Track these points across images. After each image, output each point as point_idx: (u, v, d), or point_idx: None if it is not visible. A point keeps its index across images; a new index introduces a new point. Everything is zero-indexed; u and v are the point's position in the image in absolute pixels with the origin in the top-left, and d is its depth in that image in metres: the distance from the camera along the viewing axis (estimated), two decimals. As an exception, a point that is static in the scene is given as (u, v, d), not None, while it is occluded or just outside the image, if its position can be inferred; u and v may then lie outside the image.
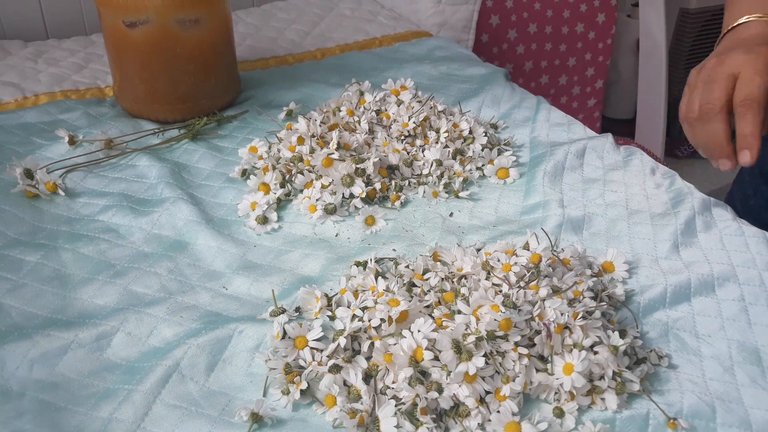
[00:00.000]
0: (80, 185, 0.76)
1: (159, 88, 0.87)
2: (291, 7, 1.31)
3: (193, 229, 0.69)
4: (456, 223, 0.71)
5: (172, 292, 0.62)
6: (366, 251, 0.67)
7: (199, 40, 0.85)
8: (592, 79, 1.87)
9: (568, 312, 0.52)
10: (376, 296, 0.56)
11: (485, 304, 0.51)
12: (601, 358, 0.51)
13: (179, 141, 0.85)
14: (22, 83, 0.97)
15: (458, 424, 0.48)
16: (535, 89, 1.76)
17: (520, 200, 0.74)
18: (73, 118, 0.90)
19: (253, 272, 0.64)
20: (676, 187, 0.74)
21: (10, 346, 0.55)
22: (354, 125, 0.81)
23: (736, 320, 0.58)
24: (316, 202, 0.72)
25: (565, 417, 0.49)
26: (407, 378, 0.49)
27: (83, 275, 0.63)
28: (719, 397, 0.51)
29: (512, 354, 0.50)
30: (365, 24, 1.23)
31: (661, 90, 1.80)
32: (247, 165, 0.78)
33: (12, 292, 0.60)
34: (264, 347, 0.56)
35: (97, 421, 0.50)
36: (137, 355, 0.55)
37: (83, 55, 1.09)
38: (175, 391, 0.52)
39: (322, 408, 0.50)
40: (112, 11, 0.82)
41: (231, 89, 0.94)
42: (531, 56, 1.71)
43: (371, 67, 1.06)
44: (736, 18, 0.65)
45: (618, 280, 0.62)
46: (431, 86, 0.99)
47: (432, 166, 0.76)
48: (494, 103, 0.94)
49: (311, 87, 0.99)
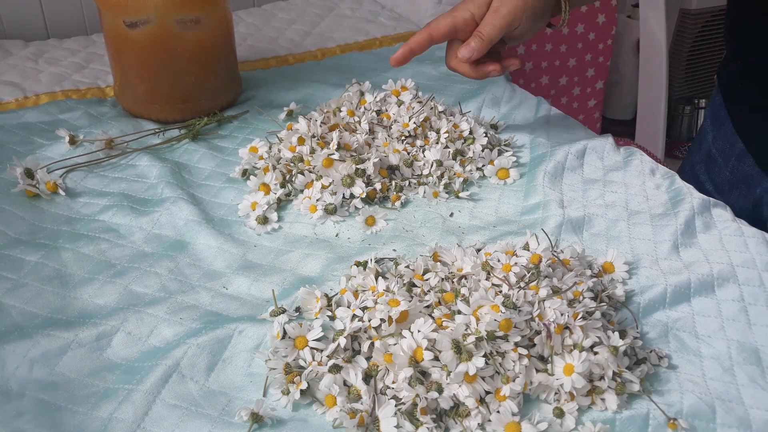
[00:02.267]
0: (81, 185, 0.76)
1: (159, 88, 0.87)
2: (291, 7, 1.31)
3: (193, 229, 0.69)
4: (456, 223, 0.71)
5: (172, 292, 0.62)
6: (366, 251, 0.67)
7: (199, 40, 0.85)
8: (592, 79, 1.87)
9: (568, 312, 0.52)
10: (376, 296, 0.56)
11: (485, 304, 0.51)
12: (601, 359, 0.51)
13: (180, 141, 0.85)
14: (22, 83, 0.98)
15: (458, 424, 0.48)
16: (536, 90, 1.76)
17: (521, 201, 0.74)
18: (74, 117, 0.90)
19: (253, 272, 0.64)
20: (675, 188, 0.74)
21: (10, 345, 0.55)
22: (354, 126, 0.81)
23: (735, 320, 0.58)
24: (316, 203, 0.72)
25: (565, 417, 0.49)
26: (407, 378, 0.49)
27: (83, 275, 0.63)
28: (719, 397, 0.51)
29: (512, 354, 0.50)
30: (366, 24, 1.24)
31: (661, 90, 1.80)
32: (248, 165, 0.78)
33: (12, 292, 0.60)
34: (264, 347, 0.56)
35: (97, 421, 0.50)
36: (137, 354, 0.55)
37: (84, 54, 1.09)
38: (175, 391, 0.52)
39: (322, 408, 0.50)
40: (113, 11, 0.82)
41: (231, 89, 0.94)
42: (531, 57, 1.71)
43: (372, 67, 1.06)
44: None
45: (618, 280, 0.62)
46: (432, 86, 0.99)
47: (432, 167, 0.76)
48: (494, 104, 0.94)
49: (312, 87, 0.99)
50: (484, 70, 0.74)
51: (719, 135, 0.81)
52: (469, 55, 0.71)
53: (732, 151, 0.79)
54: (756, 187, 0.77)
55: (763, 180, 0.76)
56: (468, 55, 0.71)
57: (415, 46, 0.73)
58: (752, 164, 0.77)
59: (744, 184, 0.79)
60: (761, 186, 0.76)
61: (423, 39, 0.72)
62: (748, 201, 0.71)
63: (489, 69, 0.74)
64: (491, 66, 0.74)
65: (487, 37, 0.71)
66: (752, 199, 0.76)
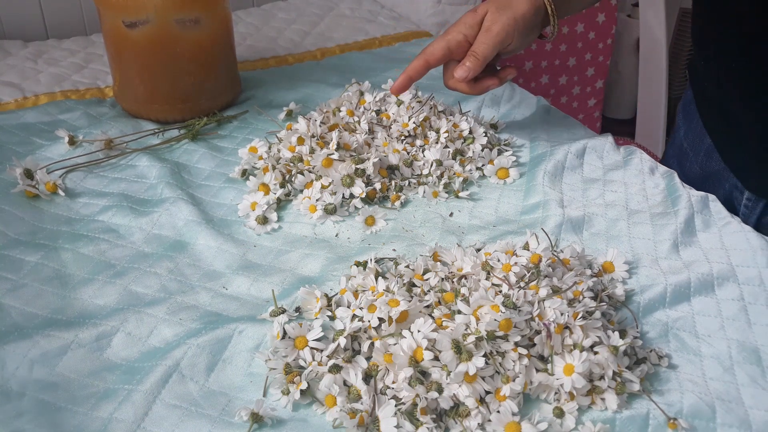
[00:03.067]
0: (80, 185, 0.76)
1: (159, 88, 0.87)
2: (291, 7, 1.31)
3: (193, 229, 0.69)
4: (456, 223, 0.71)
5: (172, 292, 0.62)
6: (366, 251, 0.67)
7: (199, 40, 0.85)
8: (592, 78, 1.87)
9: (568, 312, 0.52)
10: (375, 296, 0.56)
11: (485, 304, 0.51)
12: (601, 358, 0.51)
13: (179, 141, 0.85)
14: (22, 83, 0.98)
15: (458, 424, 0.48)
16: (535, 89, 1.76)
17: (520, 200, 0.74)
18: (73, 118, 0.90)
19: (253, 272, 0.64)
20: (675, 187, 0.74)
21: (10, 346, 0.55)
22: (354, 125, 0.81)
23: (735, 320, 0.58)
24: (316, 203, 0.72)
25: (565, 417, 0.49)
26: (407, 378, 0.49)
27: (83, 275, 0.63)
28: (719, 397, 0.51)
29: (512, 354, 0.50)
30: (365, 24, 1.24)
31: (661, 90, 1.80)
32: (247, 165, 0.78)
33: (12, 292, 0.60)
34: (264, 347, 0.56)
35: (97, 421, 0.50)
36: (137, 355, 0.55)
37: (83, 55, 1.09)
38: (175, 391, 0.52)
39: (322, 408, 0.50)
40: (112, 11, 0.82)
41: (231, 89, 0.94)
42: (531, 56, 1.71)
43: (371, 67, 1.06)
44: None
45: (618, 280, 0.62)
46: (431, 86, 0.99)
47: (432, 167, 0.76)
48: (494, 103, 0.94)
49: (311, 87, 0.99)
50: (482, 86, 0.77)
51: (690, 130, 0.82)
52: (466, 74, 0.74)
53: (701, 146, 0.80)
54: (724, 183, 0.77)
55: (730, 176, 0.76)
56: (464, 75, 0.74)
57: (413, 74, 0.76)
58: (719, 160, 0.77)
59: (713, 179, 0.79)
60: (728, 182, 0.77)
61: (420, 66, 0.75)
62: (719, 196, 0.72)
63: (487, 84, 0.77)
64: (489, 81, 0.77)
65: (481, 55, 0.73)
66: (722, 194, 0.76)
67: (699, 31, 0.75)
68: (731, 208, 0.74)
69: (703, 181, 0.80)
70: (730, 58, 0.69)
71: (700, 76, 0.78)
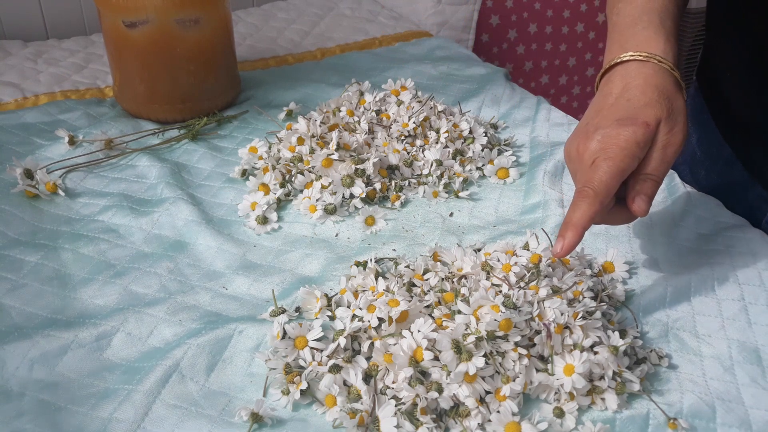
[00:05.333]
0: (80, 185, 0.76)
1: (159, 88, 0.87)
2: (291, 7, 1.31)
3: (193, 229, 0.69)
4: (456, 223, 0.71)
5: (172, 292, 0.62)
6: (366, 251, 0.67)
7: (199, 40, 0.85)
8: (592, 79, 1.87)
9: (568, 312, 0.52)
10: (375, 296, 0.56)
11: (485, 304, 0.51)
12: (601, 359, 0.51)
13: (179, 141, 0.85)
14: (22, 83, 0.98)
15: (458, 424, 0.48)
16: (535, 89, 1.76)
17: (520, 200, 0.74)
18: (73, 118, 0.90)
19: (253, 272, 0.64)
20: (675, 187, 0.74)
21: (10, 346, 0.55)
22: (354, 125, 0.81)
23: (736, 320, 0.58)
24: (316, 203, 0.72)
25: (565, 417, 0.49)
26: (407, 378, 0.49)
27: (83, 275, 0.63)
28: (719, 397, 0.51)
29: (512, 354, 0.50)
30: (365, 24, 1.24)
31: (661, 90, 1.79)
32: (247, 165, 0.78)
33: (12, 292, 0.60)
34: (264, 347, 0.56)
35: (97, 421, 0.50)
36: (137, 355, 0.55)
37: (83, 55, 1.09)
38: (175, 391, 0.52)
39: (322, 408, 0.50)
40: (112, 11, 0.82)
41: (231, 89, 0.94)
42: (531, 56, 1.71)
43: (371, 67, 1.06)
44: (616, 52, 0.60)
45: (618, 280, 0.62)
46: (431, 86, 0.99)
47: (432, 167, 0.76)
48: (494, 103, 0.94)
49: (311, 87, 0.99)
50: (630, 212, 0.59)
51: (704, 138, 0.80)
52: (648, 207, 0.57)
53: (719, 155, 0.77)
54: (747, 192, 0.76)
55: (755, 185, 0.74)
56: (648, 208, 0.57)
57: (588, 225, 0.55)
58: (741, 170, 0.75)
59: (734, 188, 0.77)
60: (752, 191, 0.75)
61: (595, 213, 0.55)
62: (742, 205, 0.70)
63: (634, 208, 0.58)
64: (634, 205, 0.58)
65: (659, 179, 0.59)
66: (746, 205, 0.75)
67: (717, 43, 0.73)
68: (753, 216, 0.72)
69: (725, 190, 0.77)
70: (751, 70, 0.68)
71: (711, 83, 0.77)
